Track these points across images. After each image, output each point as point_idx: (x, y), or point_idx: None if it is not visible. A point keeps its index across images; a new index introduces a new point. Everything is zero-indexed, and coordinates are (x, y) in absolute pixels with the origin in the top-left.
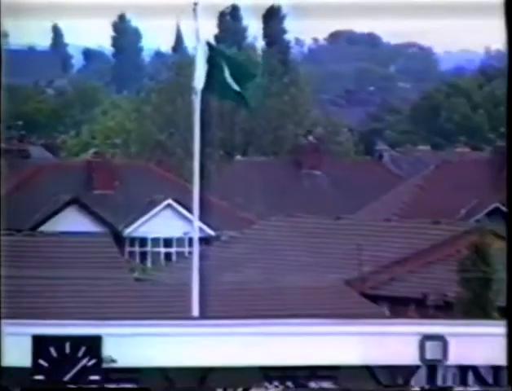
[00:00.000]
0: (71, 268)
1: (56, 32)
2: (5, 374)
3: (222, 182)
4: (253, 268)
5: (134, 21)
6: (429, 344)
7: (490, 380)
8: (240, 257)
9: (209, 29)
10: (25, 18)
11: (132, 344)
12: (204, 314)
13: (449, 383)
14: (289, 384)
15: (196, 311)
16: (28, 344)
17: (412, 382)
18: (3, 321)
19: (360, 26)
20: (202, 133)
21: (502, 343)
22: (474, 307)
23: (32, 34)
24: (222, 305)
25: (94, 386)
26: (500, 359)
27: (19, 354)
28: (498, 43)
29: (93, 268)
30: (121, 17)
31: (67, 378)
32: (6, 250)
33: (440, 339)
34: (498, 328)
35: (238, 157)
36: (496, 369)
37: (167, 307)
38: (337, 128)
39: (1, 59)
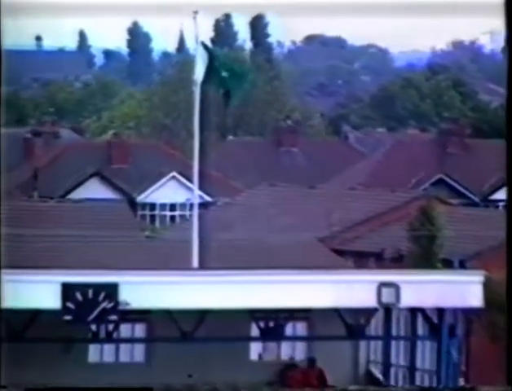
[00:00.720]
0: (93, 228)
1: (82, 36)
2: (39, 316)
3: (217, 158)
4: (242, 228)
5: (146, 27)
6: (385, 291)
7: (435, 319)
8: (232, 219)
9: (206, 32)
10: (56, 19)
11: (143, 290)
12: (202, 266)
13: (402, 324)
14: (271, 323)
15: (195, 263)
16: (58, 290)
17: (372, 322)
18: (38, 271)
19: (331, 28)
20: (201, 118)
21: (446, 289)
22: (421, 259)
23: (61, 36)
24: (217, 258)
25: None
26: (444, 302)
27: (50, 298)
28: (442, 43)
29: (111, 228)
30: (135, 24)
31: (90, 318)
32: (41, 213)
33: (394, 286)
34: (442, 276)
35: (230, 137)
36: (440, 311)
37: (172, 260)
38: (311, 114)
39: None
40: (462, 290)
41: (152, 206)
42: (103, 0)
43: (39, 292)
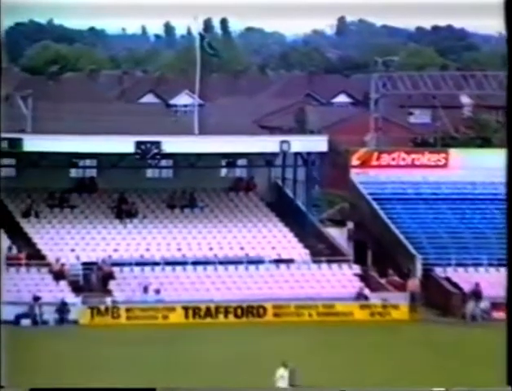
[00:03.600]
0: (149, 115)
1: (143, 28)
2: (123, 157)
3: (207, 85)
4: (218, 116)
5: (173, 23)
6: (283, 145)
7: (306, 158)
8: (213, 112)
9: (201, 27)
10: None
11: (172, 144)
12: (200, 132)
13: (291, 160)
14: (231, 160)
15: (196, 131)
16: (132, 143)
17: (277, 160)
18: (123, 135)
19: (257, 23)
20: (201, 66)
21: (311, 143)
22: (300, 130)
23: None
24: (207, 129)
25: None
26: (310, 149)
27: (128, 148)
28: (308, 30)
29: (157, 116)
30: (168, 22)
31: (147, 157)
32: (124, 109)
33: (287, 142)
34: (309, 137)
35: (214, 75)
36: (308, 153)
37: (185, 131)
38: (251, 64)
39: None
40: (318, 144)
41: (176, 106)
42: (151, 9)
43: (123, 143)
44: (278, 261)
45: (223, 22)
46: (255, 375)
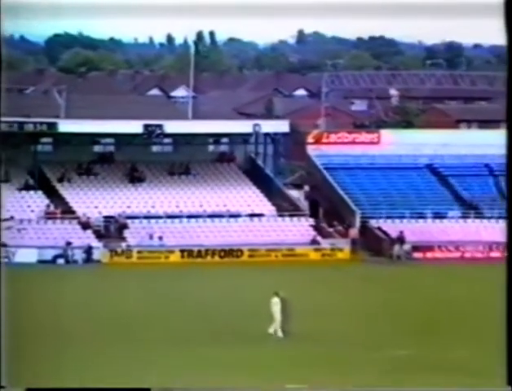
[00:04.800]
0: (155, 105)
1: (151, 38)
2: (134, 137)
3: (199, 82)
4: (208, 104)
5: (174, 34)
6: (256, 126)
7: (274, 136)
8: (205, 101)
9: (194, 36)
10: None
11: (173, 126)
12: (193, 117)
13: (262, 138)
14: (216, 139)
15: (190, 117)
16: (140, 126)
17: (251, 139)
18: (132, 119)
19: (237, 32)
20: (194, 66)
21: (278, 126)
22: (268, 116)
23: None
24: (198, 114)
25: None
26: (276, 129)
27: (138, 129)
28: (275, 40)
29: (161, 105)
30: (170, 33)
31: (153, 136)
32: (135, 99)
33: (258, 125)
34: (276, 122)
35: (204, 74)
36: (276, 133)
37: (183, 115)
38: (232, 65)
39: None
40: (283, 126)
41: (175, 97)
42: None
43: (135, 126)
44: (252, 215)
45: (211, 34)
46: (239, 297)
